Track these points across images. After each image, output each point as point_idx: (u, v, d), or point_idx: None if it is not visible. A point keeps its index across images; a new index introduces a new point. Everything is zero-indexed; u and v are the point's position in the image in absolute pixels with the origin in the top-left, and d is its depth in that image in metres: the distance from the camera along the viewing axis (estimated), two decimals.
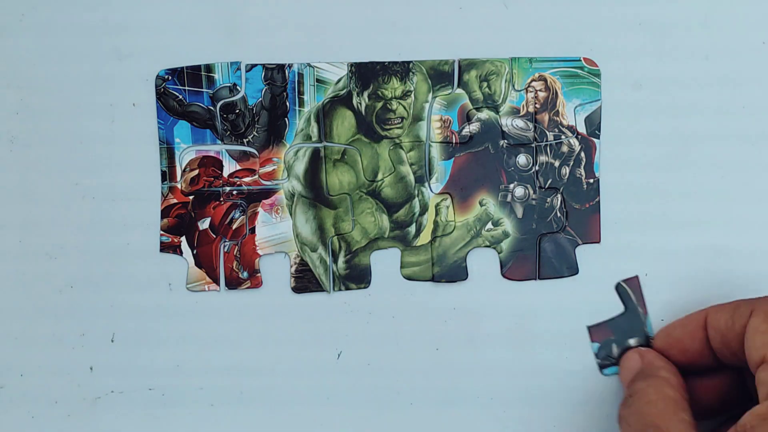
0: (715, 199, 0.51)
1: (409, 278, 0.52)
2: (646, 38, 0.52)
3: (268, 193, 0.52)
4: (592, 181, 0.51)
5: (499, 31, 0.52)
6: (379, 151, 0.52)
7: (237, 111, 0.51)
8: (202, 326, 0.52)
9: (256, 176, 0.52)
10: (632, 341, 0.51)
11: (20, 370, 0.52)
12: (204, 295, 0.52)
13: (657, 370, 0.45)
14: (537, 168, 0.51)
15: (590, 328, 0.51)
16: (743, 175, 0.52)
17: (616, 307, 0.51)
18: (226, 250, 0.52)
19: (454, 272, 0.52)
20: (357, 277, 0.52)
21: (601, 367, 0.51)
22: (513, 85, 0.51)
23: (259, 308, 0.52)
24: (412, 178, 0.52)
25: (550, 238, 0.51)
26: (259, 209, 0.52)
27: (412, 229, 0.52)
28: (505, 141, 0.51)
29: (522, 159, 0.51)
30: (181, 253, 0.52)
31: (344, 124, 0.52)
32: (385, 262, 0.52)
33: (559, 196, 0.51)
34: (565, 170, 0.51)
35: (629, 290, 0.51)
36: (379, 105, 0.52)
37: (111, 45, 0.51)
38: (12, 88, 0.51)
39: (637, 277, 0.51)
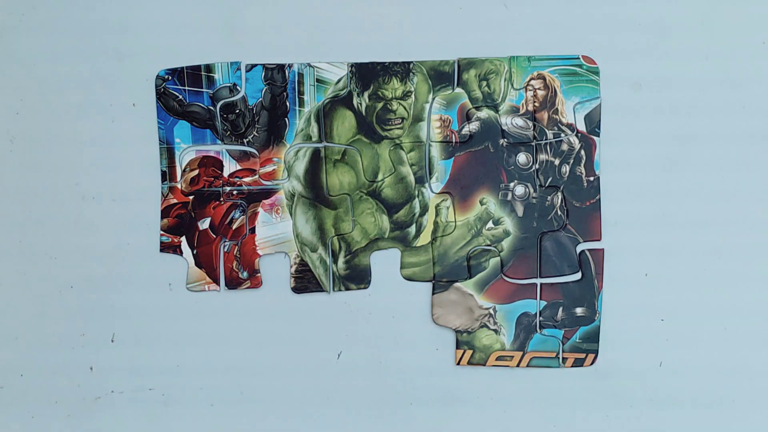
0: (715, 199, 0.51)
1: (409, 279, 0.52)
2: (646, 38, 0.52)
3: (269, 193, 0.52)
4: (592, 179, 0.51)
5: (499, 31, 0.52)
6: (379, 151, 0.52)
7: (237, 111, 0.51)
8: (202, 326, 0.52)
9: (257, 176, 0.52)
10: (579, 310, 0.51)
11: (20, 370, 0.52)
12: (204, 295, 0.52)
13: None
14: (537, 166, 0.51)
15: (542, 285, 0.51)
16: (743, 175, 0.52)
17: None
18: (226, 250, 0.52)
19: (455, 271, 0.52)
20: (357, 277, 0.52)
21: (542, 326, 0.51)
22: (512, 84, 0.51)
23: (259, 308, 0.52)
24: (412, 178, 0.52)
25: (551, 236, 0.51)
26: (259, 209, 0.52)
27: (412, 229, 0.52)
28: (505, 140, 0.51)
29: (522, 157, 0.51)
30: (181, 253, 0.52)
31: (344, 124, 0.52)
32: (385, 262, 0.52)
33: (559, 194, 0.51)
34: (565, 168, 0.51)
35: (591, 261, 0.51)
36: (380, 105, 0.52)
37: (111, 45, 0.52)
38: (12, 88, 0.51)
39: (602, 250, 0.51)
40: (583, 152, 0.51)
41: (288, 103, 0.52)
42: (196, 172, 0.52)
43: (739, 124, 0.52)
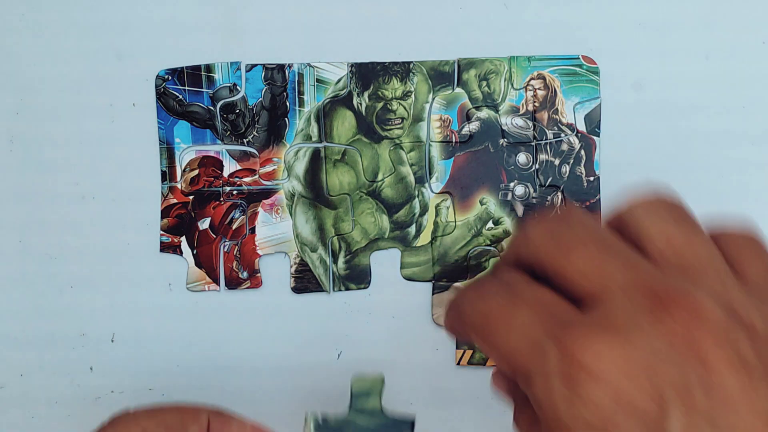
0: (715, 199, 0.51)
1: (409, 279, 0.52)
2: (646, 38, 0.52)
3: (269, 193, 0.52)
4: (592, 179, 0.51)
5: (499, 31, 0.52)
6: (379, 151, 0.52)
7: (237, 111, 0.51)
8: (202, 326, 0.52)
9: (257, 176, 0.52)
10: None
11: (20, 370, 0.52)
12: (204, 295, 0.52)
13: None
14: (537, 166, 0.51)
15: None
16: (743, 175, 0.52)
17: None
18: (226, 250, 0.52)
19: (455, 272, 0.52)
20: (357, 277, 0.52)
21: None
22: (512, 84, 0.51)
23: (259, 308, 0.52)
24: (412, 178, 0.52)
25: None
26: (259, 209, 0.52)
27: (412, 229, 0.52)
28: (505, 140, 0.51)
29: (522, 157, 0.51)
30: (181, 253, 0.52)
31: (344, 124, 0.52)
32: (385, 262, 0.52)
33: (559, 194, 0.51)
34: (565, 168, 0.51)
35: None
36: (380, 105, 0.52)
37: (111, 45, 0.52)
38: (12, 88, 0.51)
39: None
40: (583, 152, 0.51)
41: (288, 103, 0.52)
42: (196, 172, 0.52)
43: (739, 124, 0.52)
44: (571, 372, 0.29)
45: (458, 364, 0.51)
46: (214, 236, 0.52)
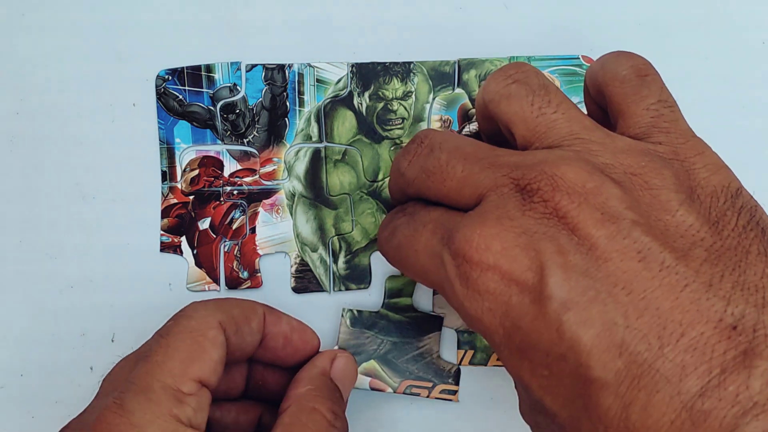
0: None
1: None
2: (646, 38, 0.52)
3: (269, 193, 0.52)
4: None
5: (499, 31, 0.52)
6: (379, 151, 0.52)
7: (237, 111, 0.51)
8: None
9: (257, 176, 0.52)
10: None
11: (20, 370, 0.52)
12: (204, 295, 0.52)
13: None
14: None
15: None
16: (743, 175, 0.51)
17: None
18: (226, 250, 0.52)
19: None
20: (357, 277, 0.52)
21: None
22: None
23: None
24: None
25: None
26: (260, 209, 0.52)
27: None
28: None
29: None
30: (181, 253, 0.51)
31: (345, 124, 0.52)
32: (385, 262, 0.52)
33: None
34: None
35: None
36: (380, 105, 0.52)
37: (111, 45, 0.51)
38: (12, 88, 0.51)
39: None
40: None
41: (288, 103, 0.52)
42: (197, 172, 0.52)
43: (739, 124, 0.52)
44: (463, 270, 0.32)
45: (459, 364, 0.51)
46: (215, 236, 0.52)
